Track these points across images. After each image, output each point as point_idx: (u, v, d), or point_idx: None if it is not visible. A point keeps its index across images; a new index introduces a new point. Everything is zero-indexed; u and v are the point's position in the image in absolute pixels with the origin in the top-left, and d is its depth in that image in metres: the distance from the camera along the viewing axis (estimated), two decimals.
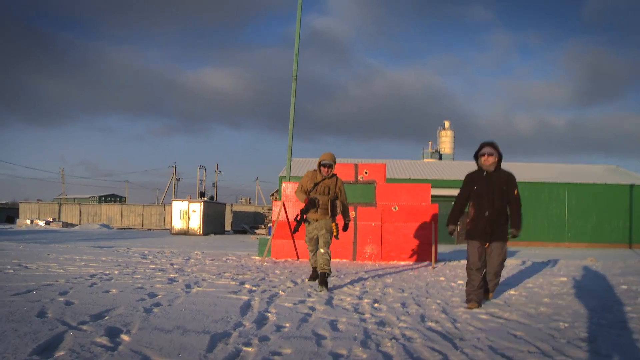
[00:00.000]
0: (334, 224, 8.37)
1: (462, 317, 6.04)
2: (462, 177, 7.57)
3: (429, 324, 5.58)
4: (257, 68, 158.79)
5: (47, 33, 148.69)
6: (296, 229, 8.42)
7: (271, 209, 37.79)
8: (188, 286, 7.85)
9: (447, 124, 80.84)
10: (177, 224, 40.67)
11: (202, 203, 40.99)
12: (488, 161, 6.95)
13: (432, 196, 15.72)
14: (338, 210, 8.45)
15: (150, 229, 51.49)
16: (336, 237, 8.40)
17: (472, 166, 7.32)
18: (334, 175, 8.63)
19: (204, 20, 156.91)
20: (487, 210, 6.93)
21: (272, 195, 44.00)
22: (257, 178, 71.58)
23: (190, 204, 40.91)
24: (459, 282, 9.74)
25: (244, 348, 4.35)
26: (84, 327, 4.85)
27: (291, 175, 17.19)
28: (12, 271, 9.21)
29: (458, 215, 7.26)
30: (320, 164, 8.47)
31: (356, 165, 15.38)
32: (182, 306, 6.09)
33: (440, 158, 73.07)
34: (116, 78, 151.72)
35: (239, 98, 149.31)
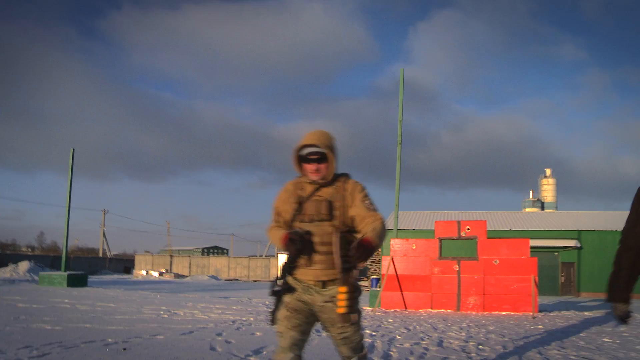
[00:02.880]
0: (344, 290, 3.36)
1: (555, 356, 7.10)
2: (566, 227, 2.93)
3: None
4: (345, 119, 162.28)
5: (149, 94, 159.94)
6: (273, 316, 3.61)
7: (373, 262, 38.99)
8: (318, 331, 9.29)
9: (548, 171, 79.52)
10: None
11: None
12: None
13: (533, 247, 16.61)
14: (359, 252, 3.26)
15: (255, 281, 53.74)
16: (351, 312, 3.39)
17: (578, 217, 5.55)
18: (340, 175, 3.78)
19: (292, 76, 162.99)
20: None
21: None
22: None
23: None
24: (557, 328, 10.65)
25: None
26: (251, 358, 6.36)
27: (397, 229, 18.44)
28: (166, 316, 11.04)
29: (629, 281, 3.35)
30: (298, 155, 3.69)
31: (459, 222, 16.56)
32: (321, 345, 7.52)
33: (542, 207, 71.87)
34: (212, 134, 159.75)
35: None
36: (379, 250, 4.77)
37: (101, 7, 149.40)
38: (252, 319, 11.14)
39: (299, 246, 3.42)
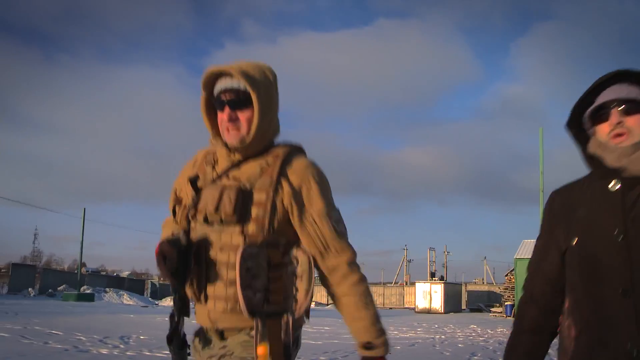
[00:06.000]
0: (263, 352, 1.83)
1: None
2: None
3: None
4: (451, 143, 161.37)
5: None
6: None
7: (507, 289, 41.67)
8: (499, 343, 13.15)
9: None
10: (421, 303, 46.03)
11: (443, 284, 46.20)
12: (623, 138, 1.75)
13: None
14: (301, 287, 1.93)
15: (391, 308, 57.32)
16: None
17: None
18: (278, 146, 2.06)
19: (395, 100, 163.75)
20: (628, 333, 1.64)
21: (507, 275, 47.49)
22: (485, 258, 74.67)
23: (432, 285, 46.30)
24: None
25: None
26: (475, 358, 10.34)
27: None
28: None
29: (532, 351, 1.96)
30: (210, 98, 2.05)
31: None
32: None
33: None
34: (319, 162, 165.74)
35: (439, 174, 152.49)
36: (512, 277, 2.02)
37: (206, 47, 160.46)
38: (437, 337, 15.16)
39: (173, 266, 1.91)
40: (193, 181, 2.04)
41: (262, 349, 1.81)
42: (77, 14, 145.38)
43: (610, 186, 1.73)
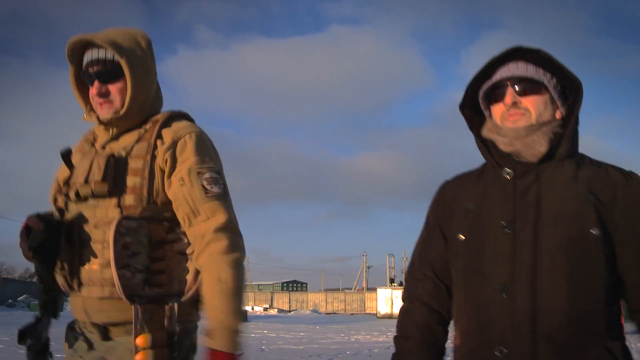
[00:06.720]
0: (144, 342, 1.61)
1: None
2: None
3: None
4: (406, 148, 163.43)
5: (212, 132, 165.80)
6: None
7: None
8: None
9: None
10: (382, 309, 46.88)
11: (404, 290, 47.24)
12: (517, 119, 1.60)
13: None
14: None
15: (352, 314, 58.05)
16: None
17: None
18: (156, 115, 1.88)
19: (350, 107, 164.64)
20: (501, 335, 1.48)
21: None
22: None
23: (393, 290, 47.32)
24: None
25: None
26: None
27: None
28: (351, 338, 16.07)
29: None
30: (74, 65, 1.86)
31: None
32: None
33: None
34: (276, 168, 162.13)
35: (394, 179, 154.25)
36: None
37: (159, 52, 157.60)
38: None
39: (36, 241, 1.67)
40: (65, 156, 1.83)
41: (142, 339, 1.59)
42: (25, 16, 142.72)
43: (503, 174, 1.59)
